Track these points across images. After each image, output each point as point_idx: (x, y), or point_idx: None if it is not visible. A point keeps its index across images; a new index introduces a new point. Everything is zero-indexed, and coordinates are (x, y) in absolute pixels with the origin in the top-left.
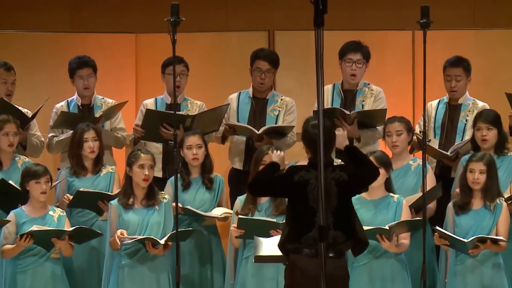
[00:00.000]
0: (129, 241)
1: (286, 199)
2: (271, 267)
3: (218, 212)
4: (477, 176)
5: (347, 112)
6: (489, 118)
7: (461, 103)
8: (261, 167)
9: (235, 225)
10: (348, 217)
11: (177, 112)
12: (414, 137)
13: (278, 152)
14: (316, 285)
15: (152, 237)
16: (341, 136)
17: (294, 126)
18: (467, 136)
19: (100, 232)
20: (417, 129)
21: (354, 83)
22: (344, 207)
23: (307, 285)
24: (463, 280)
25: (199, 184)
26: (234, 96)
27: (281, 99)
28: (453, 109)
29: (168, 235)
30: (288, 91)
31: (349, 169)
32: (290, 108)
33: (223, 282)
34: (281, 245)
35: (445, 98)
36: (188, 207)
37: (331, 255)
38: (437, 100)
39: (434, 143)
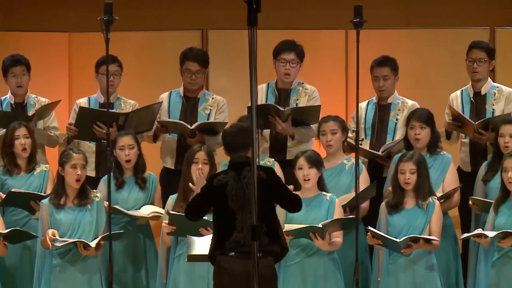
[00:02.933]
0: (60, 244)
1: None
2: (203, 266)
3: (146, 211)
4: (408, 176)
5: (281, 109)
6: (422, 117)
7: (390, 102)
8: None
9: (167, 221)
10: (270, 218)
11: (109, 110)
12: (348, 139)
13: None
14: (242, 284)
15: (82, 240)
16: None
17: (227, 123)
18: (398, 135)
19: (34, 234)
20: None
21: (288, 82)
22: (265, 207)
23: (233, 285)
24: (395, 279)
25: (132, 184)
26: (165, 95)
27: (213, 98)
28: (382, 109)
29: (100, 235)
30: (221, 90)
31: (269, 170)
32: (221, 107)
33: (155, 281)
34: (210, 255)
35: (374, 99)
36: (116, 206)
37: (258, 255)
38: (366, 101)
39: (366, 144)
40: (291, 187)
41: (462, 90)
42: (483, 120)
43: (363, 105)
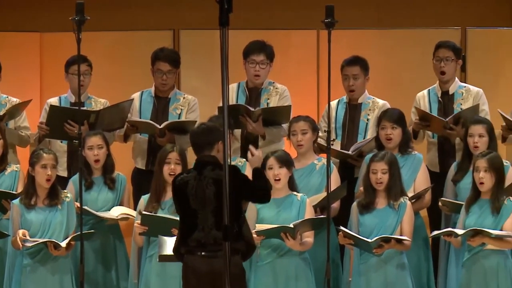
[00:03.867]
0: (31, 245)
1: None
2: (175, 266)
3: (115, 213)
4: (380, 176)
5: (252, 109)
6: (394, 117)
7: (360, 102)
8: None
9: (139, 221)
10: (234, 216)
11: (80, 108)
12: (319, 139)
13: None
14: (207, 283)
15: (53, 240)
16: (257, 158)
17: (196, 122)
18: (369, 135)
19: (6, 233)
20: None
21: (258, 83)
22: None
23: (198, 284)
24: (366, 279)
25: (101, 184)
26: (136, 95)
27: (184, 98)
28: (353, 109)
29: (71, 236)
30: (193, 90)
31: (232, 169)
32: (192, 106)
33: (127, 281)
34: (175, 250)
35: (345, 98)
36: (86, 207)
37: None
38: (337, 101)
39: (337, 144)
40: None
41: (429, 89)
42: (454, 115)
43: (333, 104)
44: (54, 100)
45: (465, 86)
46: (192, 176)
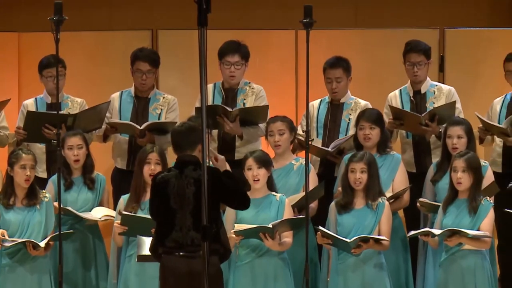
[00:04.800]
0: (9, 244)
1: None
2: (154, 266)
3: (98, 214)
4: (359, 176)
5: (229, 109)
6: (372, 117)
7: (343, 102)
8: None
9: (119, 221)
10: (212, 217)
11: (58, 112)
12: (298, 137)
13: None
14: (186, 283)
15: (32, 240)
16: (222, 161)
17: (176, 122)
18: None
19: None
20: (299, 129)
21: (234, 83)
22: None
23: (176, 284)
24: (344, 278)
25: (81, 184)
26: (116, 95)
27: (163, 98)
28: (335, 109)
29: (50, 235)
30: (171, 90)
31: (211, 170)
32: (172, 105)
33: (106, 281)
34: (151, 249)
35: (327, 98)
36: (69, 208)
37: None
38: (319, 100)
39: (317, 143)
40: None
41: (401, 89)
42: (429, 111)
43: (315, 103)
44: (30, 102)
45: (436, 85)
46: (173, 175)
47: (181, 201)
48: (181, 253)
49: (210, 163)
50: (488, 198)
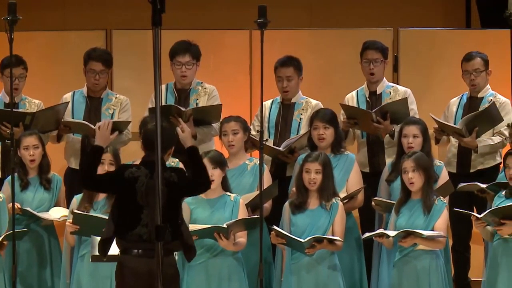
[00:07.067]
0: None
1: None
2: (107, 266)
3: (56, 214)
4: (313, 176)
5: (183, 109)
6: (326, 117)
7: (294, 102)
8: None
9: (71, 221)
10: (175, 218)
11: (13, 110)
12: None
13: (103, 126)
14: (144, 283)
15: None
16: (188, 132)
17: (130, 122)
18: None
19: None
20: (252, 130)
21: (186, 83)
22: (172, 207)
23: (136, 284)
24: (298, 278)
25: (37, 184)
26: (68, 95)
27: (116, 98)
28: (286, 108)
29: (4, 234)
30: (125, 90)
31: (180, 172)
32: (124, 106)
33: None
34: (101, 242)
35: (278, 98)
36: (28, 208)
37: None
38: (271, 100)
39: (269, 143)
40: None
41: (357, 90)
42: (380, 107)
43: (267, 103)
44: None
45: (392, 86)
46: (143, 173)
47: (149, 200)
48: (140, 251)
49: (172, 163)
50: (441, 198)
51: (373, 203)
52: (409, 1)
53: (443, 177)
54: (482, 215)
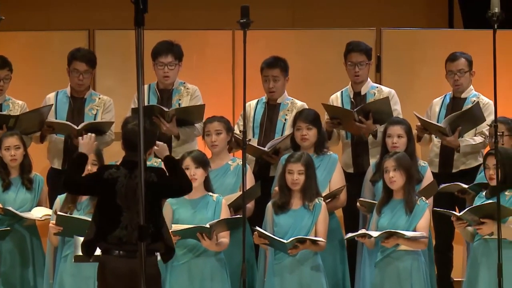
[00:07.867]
0: None
1: None
2: (90, 266)
3: (38, 214)
4: (296, 177)
5: (166, 109)
6: (309, 117)
7: (279, 102)
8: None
9: (54, 221)
10: (155, 219)
11: (0, 113)
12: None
13: (86, 138)
14: (125, 283)
15: None
16: (162, 146)
17: (113, 123)
18: None
19: None
20: (236, 129)
21: (168, 84)
22: (152, 208)
23: (117, 284)
24: (281, 279)
25: (19, 185)
26: (51, 95)
27: (99, 98)
28: (272, 109)
29: None
30: (108, 90)
31: (159, 172)
32: (108, 106)
33: (43, 282)
34: (84, 244)
35: (264, 98)
36: (10, 208)
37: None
38: (256, 100)
39: (253, 143)
40: None
41: (342, 91)
42: (362, 106)
43: (252, 103)
44: None
45: (377, 87)
46: (122, 173)
47: (129, 201)
48: (121, 252)
49: (155, 163)
50: (423, 198)
51: (358, 204)
52: (392, 2)
53: (428, 178)
54: (461, 213)
